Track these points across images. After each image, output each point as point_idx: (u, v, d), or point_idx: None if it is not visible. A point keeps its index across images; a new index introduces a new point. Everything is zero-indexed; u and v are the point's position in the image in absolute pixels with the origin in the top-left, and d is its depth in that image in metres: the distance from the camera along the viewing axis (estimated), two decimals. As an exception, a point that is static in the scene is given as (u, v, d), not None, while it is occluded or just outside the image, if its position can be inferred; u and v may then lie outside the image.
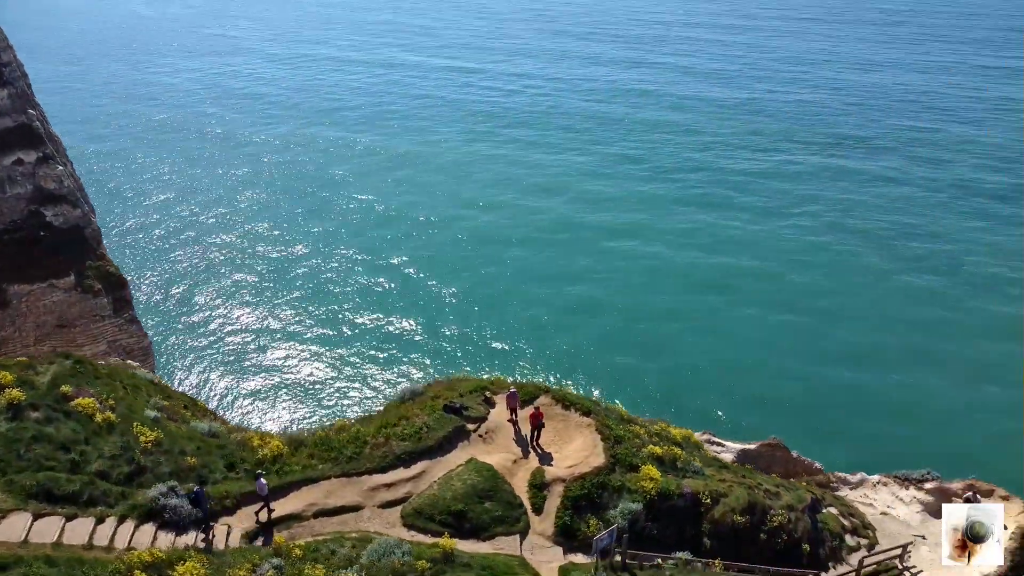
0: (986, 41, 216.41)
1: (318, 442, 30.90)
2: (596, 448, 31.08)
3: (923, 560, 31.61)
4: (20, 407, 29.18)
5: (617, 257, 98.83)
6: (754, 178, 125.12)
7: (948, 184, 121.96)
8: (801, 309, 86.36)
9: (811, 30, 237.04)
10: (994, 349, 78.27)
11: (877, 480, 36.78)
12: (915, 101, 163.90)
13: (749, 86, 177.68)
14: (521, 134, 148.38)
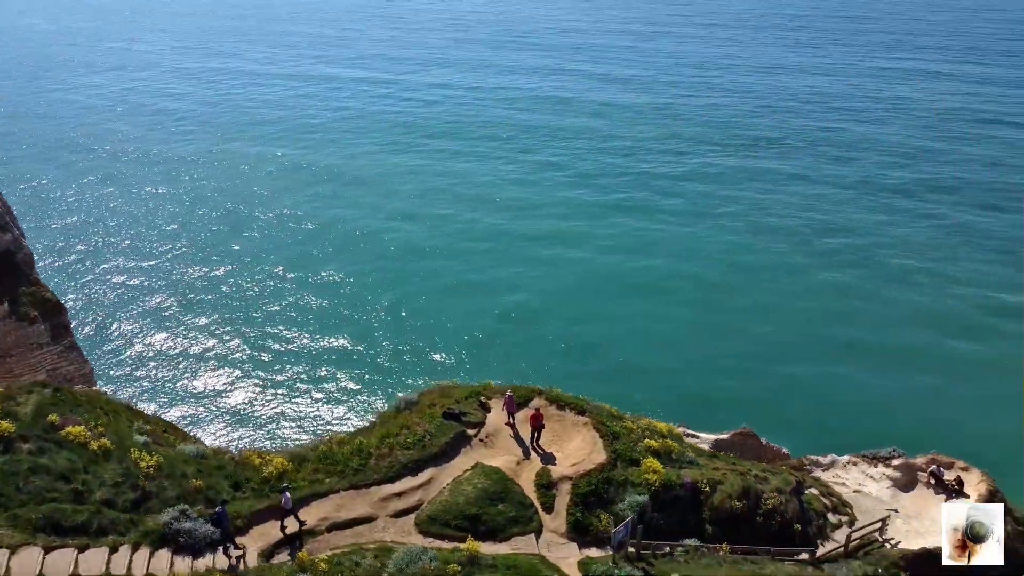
0: (879, 44, 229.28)
1: (321, 457, 30.87)
2: (596, 445, 32.13)
3: (899, 532, 33.84)
4: (10, 439, 28.14)
5: (549, 263, 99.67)
6: (675, 181, 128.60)
7: (855, 181, 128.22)
8: (728, 307, 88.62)
9: (718, 35, 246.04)
10: (912, 337, 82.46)
11: (847, 460, 39.10)
12: (819, 102, 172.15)
13: (663, 91, 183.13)
14: (445, 144, 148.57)
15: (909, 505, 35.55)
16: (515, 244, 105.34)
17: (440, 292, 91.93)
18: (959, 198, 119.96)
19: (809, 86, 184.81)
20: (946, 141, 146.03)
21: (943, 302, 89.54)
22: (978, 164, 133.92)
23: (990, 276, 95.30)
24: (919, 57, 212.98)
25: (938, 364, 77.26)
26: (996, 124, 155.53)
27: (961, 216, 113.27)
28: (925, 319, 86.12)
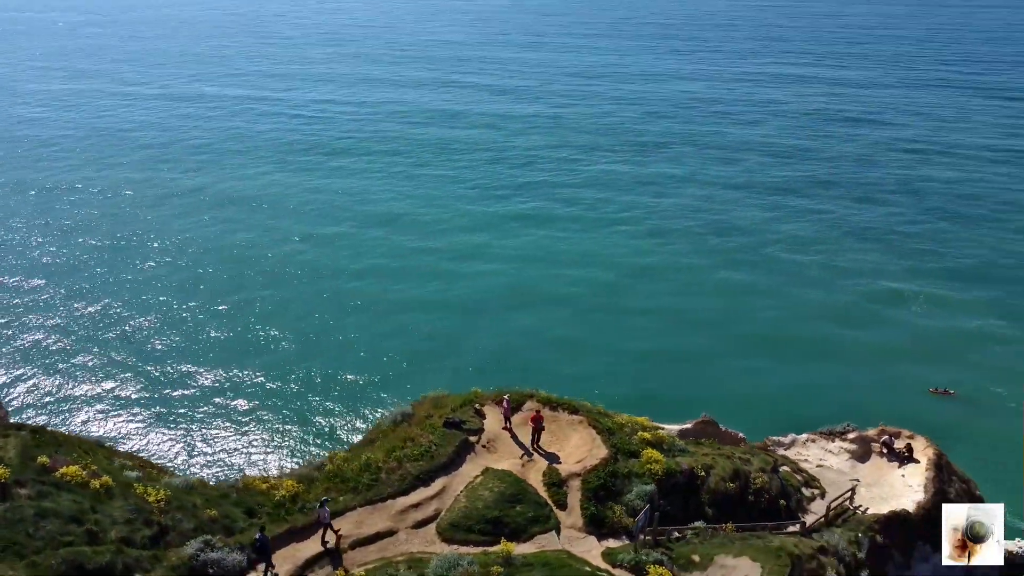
0: (747, 51, 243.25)
1: (330, 476, 30.75)
2: (595, 442, 33.43)
3: (863, 499, 36.83)
4: (6, 485, 26.59)
5: (461, 277, 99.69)
6: (573, 189, 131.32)
7: (741, 181, 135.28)
8: (636, 310, 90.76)
9: (596, 44, 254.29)
10: (812, 328, 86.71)
11: (806, 438, 42.05)
12: (699, 107, 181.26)
13: (551, 101, 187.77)
14: (340, 162, 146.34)
15: (867, 474, 38.75)
16: (425, 260, 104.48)
17: (356, 312, 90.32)
18: (836, 193, 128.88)
19: (688, 92, 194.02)
20: (817, 140, 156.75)
21: (835, 294, 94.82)
22: (848, 160, 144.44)
23: (873, 265, 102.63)
24: (783, 61, 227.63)
25: (838, 350, 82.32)
26: (858, 122, 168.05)
27: (840, 210, 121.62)
28: (821, 310, 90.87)
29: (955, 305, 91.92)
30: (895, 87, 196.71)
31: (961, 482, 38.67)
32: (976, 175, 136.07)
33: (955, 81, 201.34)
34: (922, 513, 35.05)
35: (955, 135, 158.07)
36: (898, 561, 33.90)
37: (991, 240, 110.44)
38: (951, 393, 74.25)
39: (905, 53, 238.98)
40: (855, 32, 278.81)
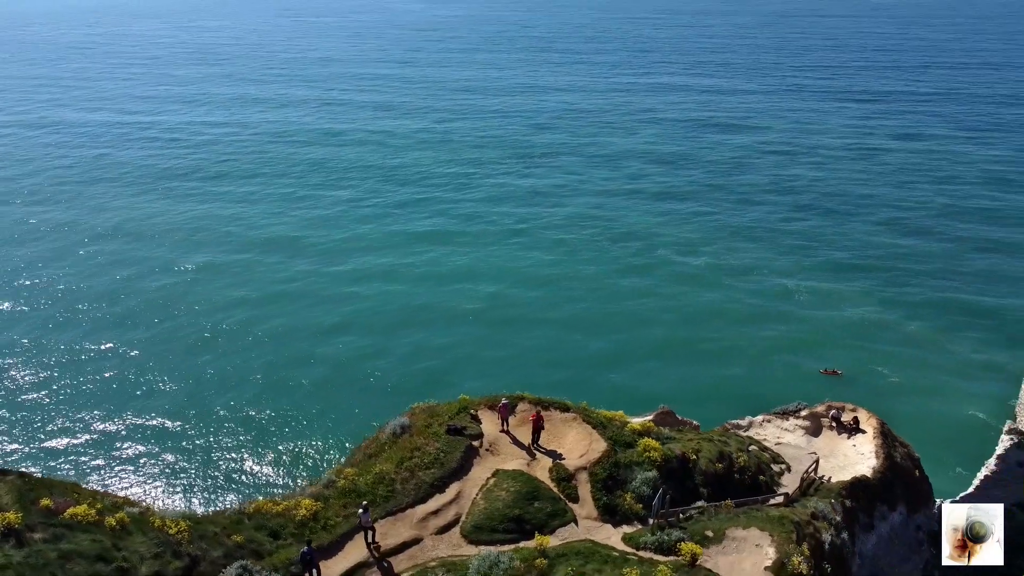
0: (619, 62, 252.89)
1: (345, 492, 30.74)
2: (592, 436, 34.88)
3: (823, 469, 39.96)
4: (17, 531, 25.16)
5: (366, 300, 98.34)
6: (470, 204, 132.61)
7: (628, 189, 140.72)
8: (548, 321, 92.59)
9: (475, 59, 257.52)
10: (708, 328, 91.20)
11: (762, 419, 45.01)
12: (580, 117, 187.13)
13: (436, 116, 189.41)
14: (228, 187, 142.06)
15: (822, 447, 42.07)
16: (327, 284, 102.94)
17: (263, 346, 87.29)
18: (716, 196, 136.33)
19: (568, 103, 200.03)
20: (693, 146, 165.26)
21: (728, 293, 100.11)
22: (723, 164, 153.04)
23: (758, 263, 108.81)
24: (653, 71, 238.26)
25: (738, 345, 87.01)
26: (728, 128, 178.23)
27: (721, 212, 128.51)
28: (718, 310, 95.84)
29: (834, 295, 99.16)
30: (757, 93, 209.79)
31: (902, 446, 42.70)
32: (838, 173, 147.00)
33: (810, 86, 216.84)
34: (879, 477, 38.57)
35: (815, 136, 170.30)
36: (863, 521, 37.12)
37: (857, 233, 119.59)
38: (839, 373, 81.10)
39: (763, 61, 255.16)
40: (716, 42, 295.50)
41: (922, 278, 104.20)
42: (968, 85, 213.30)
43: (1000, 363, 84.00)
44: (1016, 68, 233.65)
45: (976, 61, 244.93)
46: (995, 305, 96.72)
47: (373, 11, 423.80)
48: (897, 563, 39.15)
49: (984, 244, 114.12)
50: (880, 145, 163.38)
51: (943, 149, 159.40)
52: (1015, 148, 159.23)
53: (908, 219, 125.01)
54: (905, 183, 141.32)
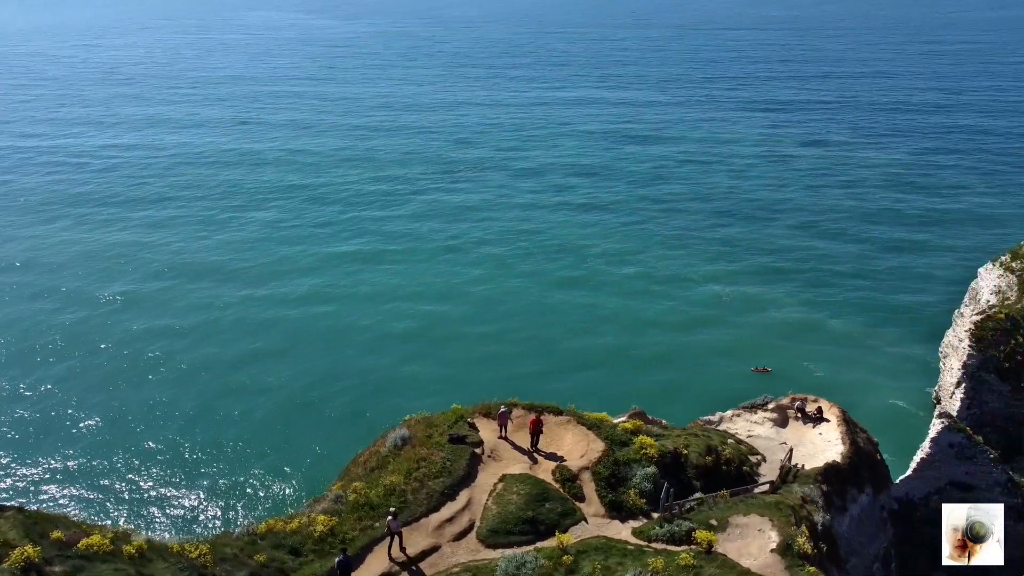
0: (535, 77, 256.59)
1: (358, 505, 30.84)
2: (588, 437, 35.91)
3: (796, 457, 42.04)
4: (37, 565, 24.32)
5: (299, 324, 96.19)
6: (399, 222, 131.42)
7: (554, 202, 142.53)
8: (487, 338, 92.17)
9: (391, 76, 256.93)
10: (647, 337, 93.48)
11: (731, 414, 46.92)
12: (501, 132, 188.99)
13: (358, 133, 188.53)
14: (144, 213, 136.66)
15: (791, 437, 44.29)
16: (258, 309, 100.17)
17: (196, 372, 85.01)
18: (639, 206, 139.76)
19: (489, 118, 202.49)
20: (613, 157, 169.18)
21: (660, 301, 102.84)
22: (643, 175, 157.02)
23: (686, 271, 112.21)
24: (570, 85, 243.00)
25: (674, 351, 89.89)
26: (646, 140, 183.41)
27: (646, 222, 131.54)
28: (654, 318, 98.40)
29: (759, 297, 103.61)
30: (671, 105, 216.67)
31: (862, 431, 45.42)
32: (753, 180, 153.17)
33: (719, 97, 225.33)
34: (847, 461, 40.99)
35: (729, 146, 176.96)
36: (837, 504, 39.36)
37: (776, 237, 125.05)
38: (768, 370, 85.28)
39: (674, 73, 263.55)
40: (628, 55, 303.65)
41: (839, 278, 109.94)
42: (865, 93, 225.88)
43: (916, 355, 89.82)
44: (906, 77, 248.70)
45: (871, 71, 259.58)
46: (908, 302, 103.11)
47: (283, 28, 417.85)
48: (867, 542, 41.62)
49: (892, 244, 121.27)
50: (790, 152, 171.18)
51: (847, 154, 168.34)
52: (910, 152, 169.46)
53: (822, 222, 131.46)
54: (816, 187, 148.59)
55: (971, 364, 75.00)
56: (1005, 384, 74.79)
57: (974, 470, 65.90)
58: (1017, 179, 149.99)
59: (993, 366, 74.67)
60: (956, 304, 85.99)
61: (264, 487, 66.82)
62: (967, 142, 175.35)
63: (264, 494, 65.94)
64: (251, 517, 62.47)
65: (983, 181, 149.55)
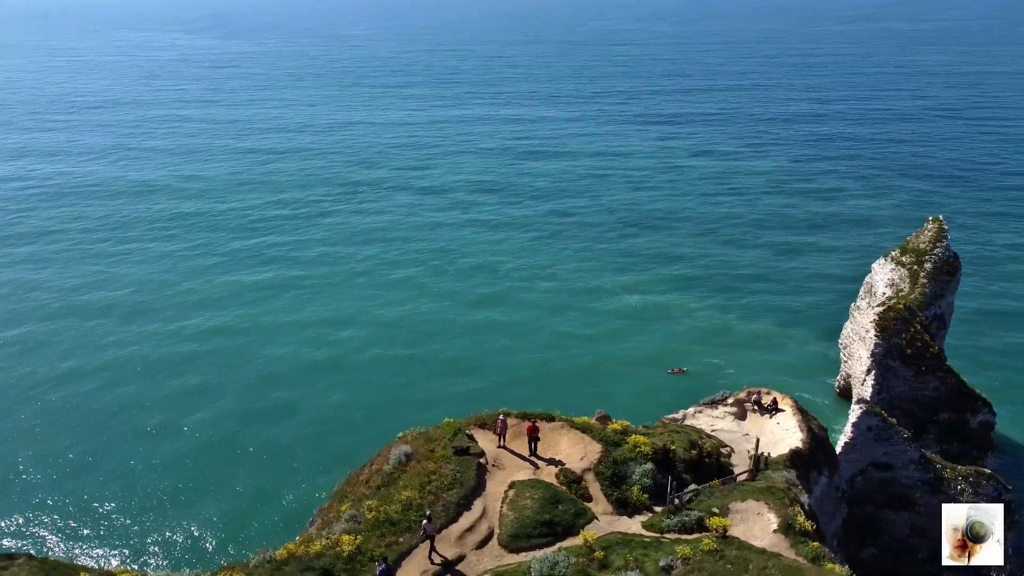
0: (429, 96, 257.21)
1: (378, 523, 31.01)
2: (584, 440, 37.24)
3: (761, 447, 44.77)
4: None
5: (213, 359, 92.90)
6: (307, 247, 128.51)
7: (464, 220, 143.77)
8: (409, 361, 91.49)
9: (282, 97, 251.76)
10: (569, 350, 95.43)
11: (693, 411, 49.22)
12: (401, 151, 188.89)
13: (253, 157, 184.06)
14: (26, 249, 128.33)
15: (751, 428, 47.09)
16: (167, 345, 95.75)
17: (109, 415, 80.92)
18: (548, 221, 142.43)
19: (387, 137, 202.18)
20: (514, 174, 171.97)
21: (573, 312, 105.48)
22: (546, 191, 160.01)
23: (597, 282, 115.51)
24: (466, 103, 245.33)
25: (593, 362, 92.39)
26: (544, 155, 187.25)
27: (554, 238, 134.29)
28: (564, 331, 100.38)
29: (667, 303, 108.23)
30: (565, 120, 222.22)
31: (813, 419, 48.78)
32: (650, 191, 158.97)
33: (610, 111, 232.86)
34: (808, 447, 44.03)
35: (624, 159, 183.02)
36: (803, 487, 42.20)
37: (680, 245, 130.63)
38: (684, 371, 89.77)
39: (565, 89, 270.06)
40: (519, 71, 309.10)
41: (739, 281, 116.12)
42: (746, 105, 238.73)
43: (816, 349, 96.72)
44: (781, 89, 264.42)
45: (750, 83, 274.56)
46: (804, 300, 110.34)
47: (164, 48, 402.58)
48: (828, 521, 44.77)
49: (784, 247, 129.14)
50: (682, 163, 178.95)
51: (735, 163, 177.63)
52: (791, 159, 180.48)
53: (718, 229, 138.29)
54: (709, 196, 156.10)
55: (878, 353, 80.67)
56: (909, 369, 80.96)
57: (891, 450, 71.02)
58: (888, 182, 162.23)
59: (897, 353, 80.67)
60: (848, 299, 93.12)
61: (184, 532, 64.41)
62: (840, 149, 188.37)
63: (183, 540, 63.46)
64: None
65: (859, 185, 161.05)
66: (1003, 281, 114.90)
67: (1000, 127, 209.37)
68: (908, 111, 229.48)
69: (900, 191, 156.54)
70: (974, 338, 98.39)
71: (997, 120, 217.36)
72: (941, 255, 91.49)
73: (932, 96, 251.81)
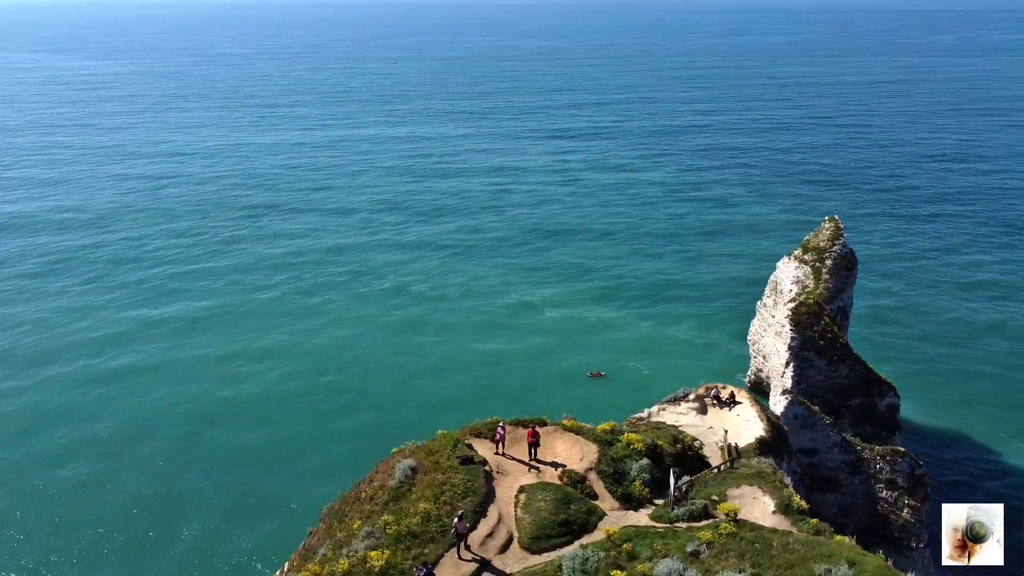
0: (323, 115, 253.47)
1: (399, 537, 30.97)
2: (579, 441, 38.28)
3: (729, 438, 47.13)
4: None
5: (113, 402, 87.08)
6: (212, 278, 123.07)
7: (375, 241, 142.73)
8: (326, 389, 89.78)
9: (168, 120, 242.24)
10: (480, 350, 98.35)
11: (657, 409, 50.97)
12: (298, 173, 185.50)
13: (138, 182, 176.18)
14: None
15: (714, 422, 49.42)
16: (72, 391, 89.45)
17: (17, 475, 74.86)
18: (453, 234, 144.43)
19: (281, 159, 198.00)
20: (414, 190, 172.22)
21: (481, 316, 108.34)
22: (447, 205, 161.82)
23: (505, 288, 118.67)
24: (358, 122, 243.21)
25: (508, 364, 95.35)
26: (442, 172, 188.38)
27: (459, 248, 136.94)
28: (479, 333, 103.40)
29: (580, 312, 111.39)
30: (460, 137, 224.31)
31: (767, 408, 51.67)
32: (552, 205, 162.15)
33: (505, 127, 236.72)
34: (770, 435, 46.71)
35: (524, 174, 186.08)
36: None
37: (582, 255, 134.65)
38: (603, 374, 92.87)
39: (458, 107, 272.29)
40: (410, 88, 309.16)
41: (644, 287, 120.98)
42: (636, 117, 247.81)
43: (723, 346, 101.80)
44: (667, 102, 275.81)
45: (637, 96, 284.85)
46: (711, 303, 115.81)
47: (29, 70, 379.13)
48: (790, 504, 47.43)
49: (684, 253, 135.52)
50: (580, 176, 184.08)
51: (629, 175, 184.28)
52: (681, 169, 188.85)
53: (621, 238, 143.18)
54: (608, 206, 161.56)
55: (794, 346, 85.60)
56: (822, 360, 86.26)
57: (815, 436, 75.60)
58: (773, 189, 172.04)
59: (811, 346, 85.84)
60: (748, 298, 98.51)
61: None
62: (727, 158, 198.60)
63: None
64: None
65: (746, 191, 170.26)
66: (885, 279, 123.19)
67: (865, 133, 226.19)
68: (785, 120, 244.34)
69: (784, 196, 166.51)
70: (860, 329, 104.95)
71: (863, 127, 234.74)
72: (839, 252, 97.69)
73: (804, 105, 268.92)
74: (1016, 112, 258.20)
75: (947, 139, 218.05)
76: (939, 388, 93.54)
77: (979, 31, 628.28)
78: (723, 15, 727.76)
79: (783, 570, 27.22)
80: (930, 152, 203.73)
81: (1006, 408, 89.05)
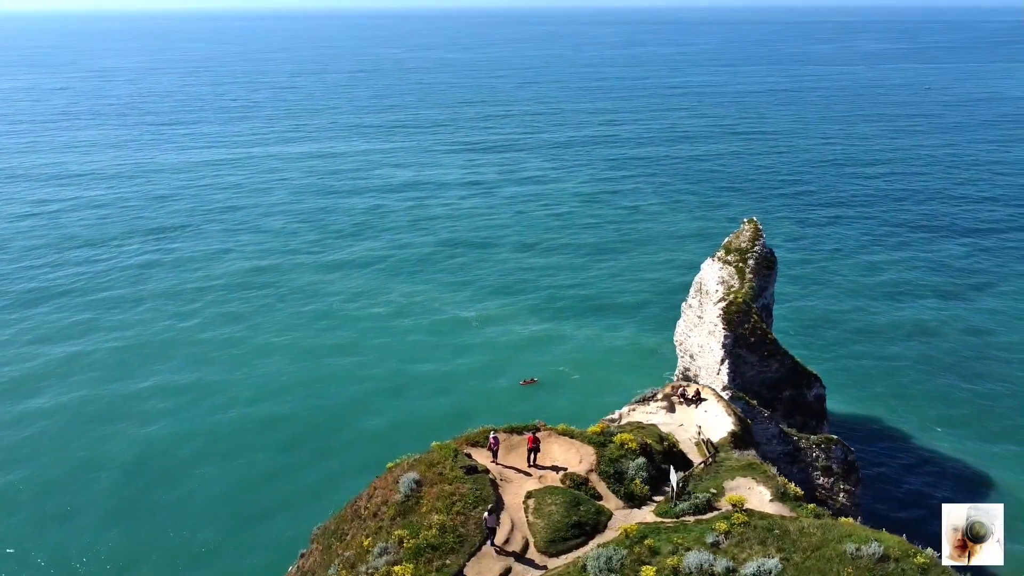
0: (219, 133, 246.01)
1: (418, 551, 30.58)
2: (575, 445, 38.66)
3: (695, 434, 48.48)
4: None
5: (51, 440, 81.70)
6: (123, 311, 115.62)
7: (289, 249, 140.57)
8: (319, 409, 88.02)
9: (59, 139, 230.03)
10: (414, 368, 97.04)
11: (627, 410, 51.80)
12: (201, 194, 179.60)
13: (35, 205, 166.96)
14: None
15: (685, 419, 50.78)
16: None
17: None
18: (371, 246, 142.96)
19: (188, 180, 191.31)
20: (329, 204, 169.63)
21: (412, 335, 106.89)
22: (365, 218, 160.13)
23: (433, 302, 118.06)
24: (264, 138, 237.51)
25: (444, 376, 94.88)
26: (357, 183, 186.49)
27: (380, 262, 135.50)
28: (409, 351, 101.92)
29: (506, 319, 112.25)
30: (373, 152, 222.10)
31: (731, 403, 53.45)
32: (470, 218, 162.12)
33: (418, 141, 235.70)
34: (740, 428, 48.40)
35: (439, 188, 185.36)
36: (745, 465, 46.34)
37: (499, 260, 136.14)
38: (536, 381, 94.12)
39: (366, 121, 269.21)
40: (315, 102, 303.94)
41: (566, 291, 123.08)
42: (545, 128, 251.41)
43: (650, 347, 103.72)
44: (573, 113, 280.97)
45: (544, 108, 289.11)
46: (632, 306, 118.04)
47: None
48: (759, 494, 49.25)
49: (603, 257, 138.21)
50: (495, 188, 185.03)
51: (544, 187, 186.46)
52: (593, 179, 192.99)
53: (538, 244, 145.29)
54: (524, 214, 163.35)
55: (727, 344, 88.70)
56: (754, 355, 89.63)
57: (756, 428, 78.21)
58: (683, 196, 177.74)
59: (743, 343, 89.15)
60: (668, 299, 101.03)
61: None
62: (636, 167, 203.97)
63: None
64: None
65: (657, 199, 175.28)
66: (792, 284, 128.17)
67: (763, 140, 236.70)
68: (688, 129, 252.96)
69: (694, 203, 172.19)
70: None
71: (760, 134, 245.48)
72: (760, 252, 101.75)
73: (705, 114, 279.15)
74: (897, 118, 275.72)
75: (837, 145, 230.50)
76: (854, 385, 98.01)
77: (857, 40, 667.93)
78: (621, 26, 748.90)
79: (810, 552, 28.35)
80: (824, 158, 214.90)
81: (903, 400, 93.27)
